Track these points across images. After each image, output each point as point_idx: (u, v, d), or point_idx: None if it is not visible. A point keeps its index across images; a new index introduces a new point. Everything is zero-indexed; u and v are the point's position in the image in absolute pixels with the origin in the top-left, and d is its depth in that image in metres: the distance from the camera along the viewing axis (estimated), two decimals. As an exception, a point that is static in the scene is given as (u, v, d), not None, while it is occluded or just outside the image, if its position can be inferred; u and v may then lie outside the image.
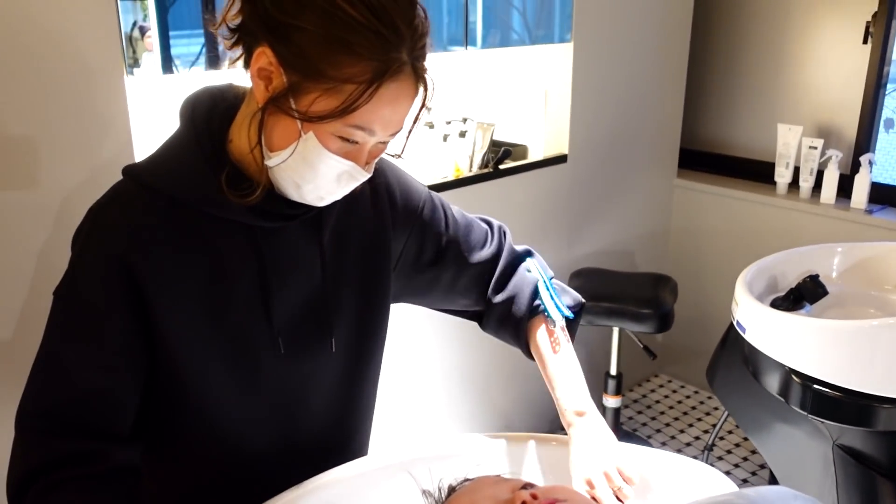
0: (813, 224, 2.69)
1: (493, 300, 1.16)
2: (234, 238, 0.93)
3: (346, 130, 0.83)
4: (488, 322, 1.19)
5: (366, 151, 0.88)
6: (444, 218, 1.13)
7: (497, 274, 1.16)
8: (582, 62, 2.46)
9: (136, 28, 1.50)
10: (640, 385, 3.25)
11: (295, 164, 0.86)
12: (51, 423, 0.87)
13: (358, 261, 1.04)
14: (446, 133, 2.32)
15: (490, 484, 0.91)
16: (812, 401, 1.63)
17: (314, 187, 0.88)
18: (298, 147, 0.84)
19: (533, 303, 1.15)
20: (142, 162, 0.93)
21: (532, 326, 1.15)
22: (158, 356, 0.91)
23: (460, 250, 1.13)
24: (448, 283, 1.15)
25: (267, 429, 1.02)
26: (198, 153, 0.89)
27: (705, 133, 3.12)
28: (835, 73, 2.71)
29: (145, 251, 0.87)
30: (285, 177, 0.88)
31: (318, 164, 0.85)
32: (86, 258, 0.88)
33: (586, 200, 2.69)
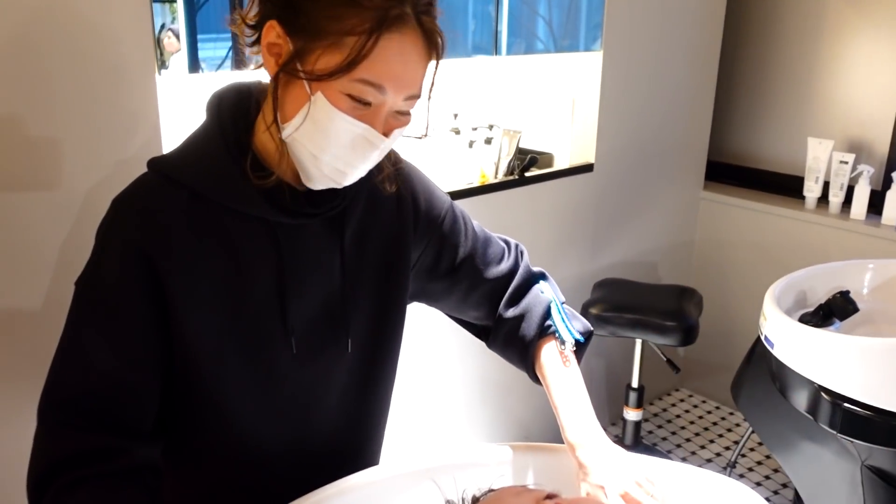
0: (842, 240, 2.65)
1: (504, 315, 1.14)
2: (255, 234, 0.92)
3: (355, 87, 0.82)
4: (496, 338, 1.17)
5: (382, 115, 0.86)
6: (463, 230, 1.12)
7: (510, 290, 1.14)
8: (611, 71, 2.44)
9: (164, 30, 1.51)
10: (661, 399, 3.21)
11: (307, 131, 0.85)
12: (73, 415, 0.86)
13: (378, 263, 1.03)
14: (472, 139, 2.32)
15: (514, 494, 0.89)
16: (842, 419, 1.59)
17: (331, 157, 0.86)
18: (309, 111, 0.84)
19: (544, 323, 1.12)
20: (166, 155, 0.93)
21: (540, 346, 1.13)
22: (176, 349, 0.91)
23: (476, 264, 1.12)
24: (461, 294, 1.14)
25: (281, 430, 1.01)
26: (221, 147, 0.89)
27: (733, 145, 3.09)
28: (867, 87, 2.67)
29: (166, 243, 0.87)
30: (301, 150, 0.87)
31: (330, 126, 0.84)
32: (107, 249, 0.88)
33: (612, 210, 2.66)
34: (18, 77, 1.25)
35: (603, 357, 2.86)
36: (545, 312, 1.13)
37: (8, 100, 1.25)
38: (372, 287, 1.03)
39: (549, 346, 1.12)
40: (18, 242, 1.31)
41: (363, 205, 1.01)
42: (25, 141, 1.28)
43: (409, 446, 1.92)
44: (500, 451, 1.11)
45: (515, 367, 1.18)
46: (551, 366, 1.10)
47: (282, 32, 0.83)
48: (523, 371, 1.17)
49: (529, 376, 1.16)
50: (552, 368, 1.10)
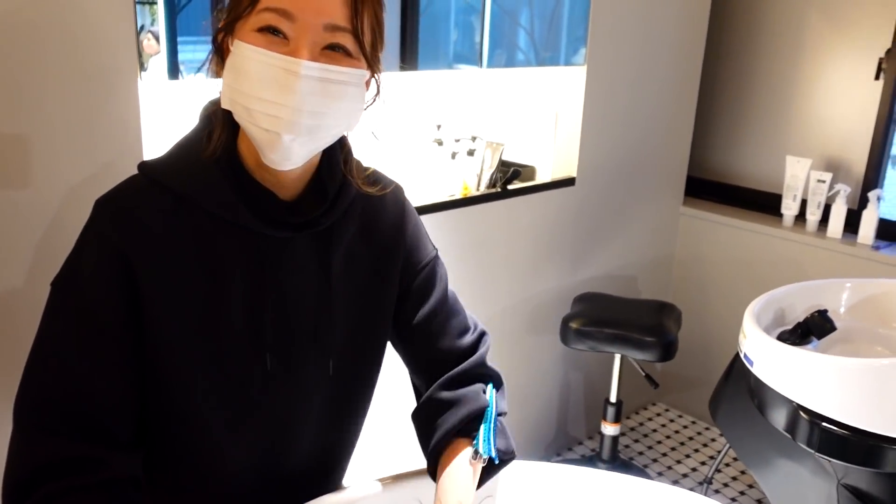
0: (819, 258, 2.68)
1: (436, 395, 1.05)
2: (238, 244, 0.90)
3: (262, 18, 0.82)
4: (419, 413, 1.08)
5: (302, 48, 0.82)
6: (435, 289, 1.08)
7: (453, 373, 1.06)
8: (594, 86, 2.45)
9: (144, 32, 1.49)
10: (638, 413, 3.21)
11: (232, 82, 0.84)
12: (49, 419, 0.84)
13: (364, 288, 1.02)
14: (455, 151, 2.31)
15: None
16: (819, 438, 1.60)
17: (258, 102, 0.82)
18: (229, 61, 0.84)
19: (469, 423, 1.04)
20: (156, 158, 0.91)
21: (453, 444, 1.03)
22: (147, 355, 0.88)
23: (432, 328, 1.07)
24: (408, 353, 1.10)
25: (252, 446, 0.98)
26: (208, 151, 0.88)
27: (713, 162, 3.11)
28: (845, 107, 2.71)
29: (144, 245, 0.86)
30: (238, 111, 0.85)
31: (247, 65, 0.82)
32: (86, 250, 0.86)
33: (593, 224, 2.67)
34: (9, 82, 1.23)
35: (582, 371, 2.86)
36: (476, 414, 1.04)
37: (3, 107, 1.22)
38: (356, 310, 1.01)
39: (461, 445, 1.02)
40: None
41: (356, 228, 0.99)
42: (2, 139, 1.25)
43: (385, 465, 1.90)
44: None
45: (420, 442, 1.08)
46: (458, 464, 1.01)
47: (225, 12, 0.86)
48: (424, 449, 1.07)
49: (428, 466, 1.06)
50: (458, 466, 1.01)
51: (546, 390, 2.75)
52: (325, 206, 0.93)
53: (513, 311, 2.48)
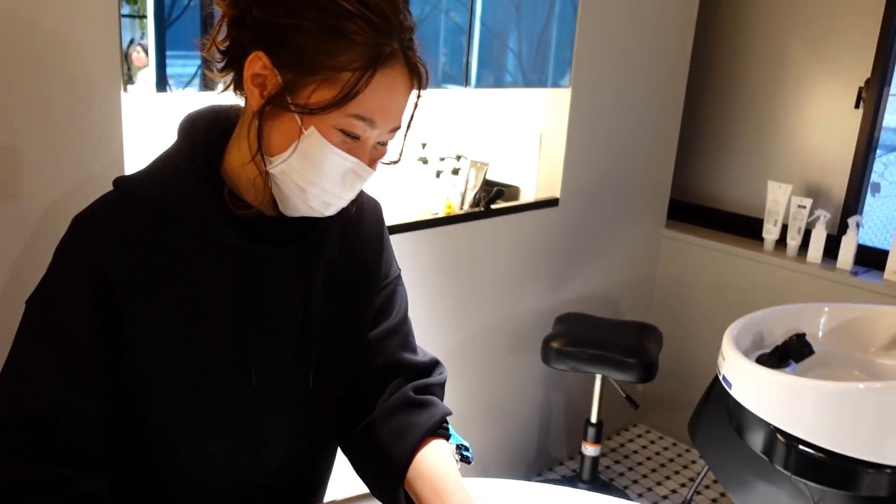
0: (798, 282, 2.70)
1: (409, 394, 1.03)
2: (220, 261, 0.90)
3: (347, 121, 0.83)
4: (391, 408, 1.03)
5: (368, 148, 0.87)
6: (397, 306, 1.09)
7: (422, 382, 1.06)
8: (579, 108, 2.47)
9: (133, 45, 1.49)
10: (619, 434, 3.22)
11: (298, 164, 0.85)
12: (15, 440, 0.83)
13: (345, 303, 1.02)
14: (440, 169, 2.32)
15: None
16: (796, 461, 1.61)
17: (319, 190, 0.86)
18: (300, 144, 0.84)
19: (443, 424, 1.04)
20: (133, 174, 0.91)
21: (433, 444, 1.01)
22: (125, 372, 0.88)
23: (392, 343, 1.07)
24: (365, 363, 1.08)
25: (230, 462, 0.98)
26: (190, 170, 0.88)
27: (695, 186, 3.15)
28: (826, 134, 2.75)
29: (123, 263, 0.85)
30: (288, 182, 0.86)
31: (322, 160, 0.84)
32: (62, 268, 0.86)
33: (575, 245, 2.68)
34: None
35: (562, 391, 2.86)
36: (445, 416, 1.05)
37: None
38: (337, 323, 1.01)
39: (441, 448, 1.01)
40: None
41: (337, 243, 1.00)
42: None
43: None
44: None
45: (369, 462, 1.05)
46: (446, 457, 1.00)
47: (269, 64, 0.82)
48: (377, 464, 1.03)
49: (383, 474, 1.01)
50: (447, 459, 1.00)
51: (527, 410, 2.75)
52: (308, 222, 0.94)
53: (494, 330, 2.48)
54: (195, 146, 0.89)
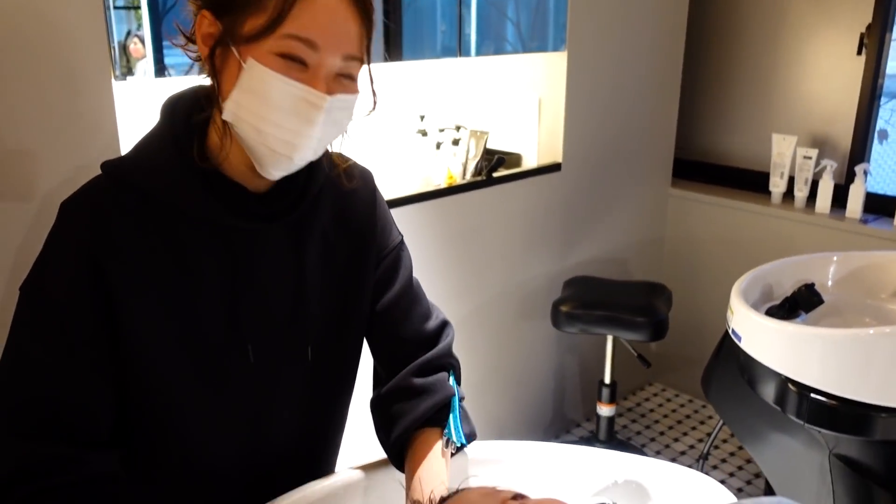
0: (807, 234, 2.69)
1: (408, 381, 1.05)
2: (209, 239, 0.90)
3: (285, 44, 0.81)
4: (387, 397, 1.07)
5: (322, 76, 0.83)
6: (399, 275, 1.08)
7: (423, 360, 1.07)
8: (576, 71, 2.46)
9: (130, 36, 1.49)
10: (635, 394, 3.23)
11: (245, 101, 0.83)
12: (24, 423, 0.84)
13: (341, 274, 1.02)
14: (439, 141, 2.32)
15: (481, 495, 0.89)
16: (808, 410, 1.61)
17: (274, 126, 0.83)
18: (242, 79, 0.83)
19: (440, 412, 1.05)
20: (119, 157, 0.91)
21: (424, 431, 1.04)
22: (123, 355, 0.89)
23: (395, 315, 1.08)
24: (370, 338, 1.10)
25: (234, 439, 0.99)
26: (173, 150, 0.88)
27: (700, 143, 3.12)
28: (829, 83, 2.72)
29: (113, 246, 0.85)
30: (245, 127, 0.85)
31: (266, 89, 0.82)
32: (53, 254, 0.87)
33: (580, 209, 2.68)
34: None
35: (575, 354, 2.87)
36: (445, 403, 1.06)
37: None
38: (334, 297, 1.02)
39: (433, 436, 1.03)
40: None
41: (329, 216, 1.00)
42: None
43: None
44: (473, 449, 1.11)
45: (379, 430, 1.09)
46: (434, 458, 1.02)
47: (212, 18, 0.83)
48: (383, 437, 1.08)
49: (387, 446, 1.07)
50: (434, 461, 1.01)
51: (541, 374, 2.76)
52: (295, 195, 0.94)
53: (504, 297, 2.49)
54: (177, 126, 0.89)
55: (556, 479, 1.08)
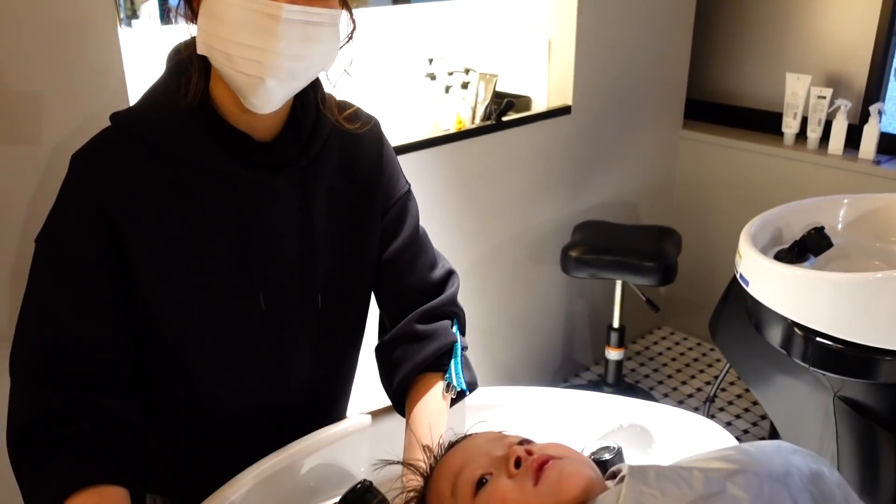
0: (820, 175, 2.67)
1: (411, 327, 1.07)
2: (217, 190, 0.91)
3: None
4: (391, 342, 1.09)
5: None
6: (405, 224, 1.09)
7: (427, 307, 1.08)
8: (586, 10, 2.41)
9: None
10: (643, 337, 3.26)
11: (210, 28, 0.83)
12: (45, 372, 0.86)
13: (348, 222, 1.03)
14: (448, 84, 2.29)
15: (488, 440, 0.91)
16: (814, 353, 1.63)
17: (241, 47, 0.82)
18: (204, 5, 0.83)
19: (442, 358, 1.07)
20: (128, 109, 0.92)
21: (426, 376, 1.06)
22: (138, 303, 0.91)
23: (400, 264, 1.08)
24: (377, 286, 1.11)
25: (248, 385, 1.02)
26: (176, 100, 0.88)
27: (712, 83, 3.07)
28: (845, 21, 2.65)
29: (124, 197, 0.87)
30: (216, 56, 0.84)
31: (224, 10, 0.81)
32: (66, 204, 0.88)
33: (590, 152, 2.66)
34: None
35: (585, 298, 2.89)
36: (447, 349, 1.07)
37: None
38: (342, 244, 1.03)
39: (434, 380, 1.06)
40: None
41: (336, 164, 1.00)
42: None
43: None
44: (481, 394, 1.13)
45: (382, 377, 1.12)
46: (433, 399, 1.04)
47: None
48: (387, 384, 1.10)
49: (390, 392, 1.09)
50: (433, 401, 1.04)
51: (550, 319, 2.79)
52: (301, 144, 0.94)
53: (514, 242, 2.50)
54: (181, 76, 0.89)
55: (562, 424, 1.10)
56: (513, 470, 0.76)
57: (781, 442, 0.77)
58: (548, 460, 0.75)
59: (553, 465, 0.75)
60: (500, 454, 0.80)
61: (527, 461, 0.76)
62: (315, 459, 1.03)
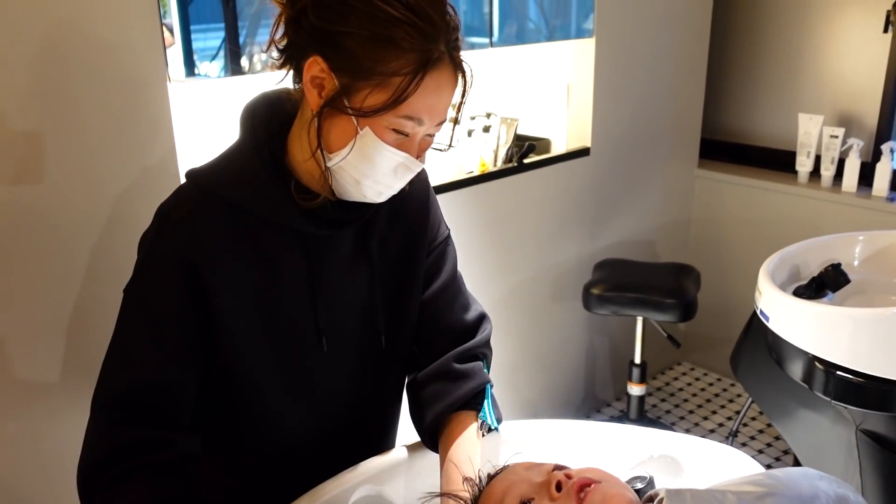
0: (834, 212, 2.72)
1: (450, 365, 1.13)
2: (288, 244, 0.99)
3: (398, 122, 0.89)
4: (427, 378, 1.14)
5: (416, 143, 0.93)
6: (445, 266, 1.17)
7: (464, 347, 1.15)
8: (604, 56, 2.49)
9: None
10: (664, 373, 3.29)
11: (354, 161, 0.92)
12: (122, 412, 0.93)
13: (398, 265, 1.11)
14: (471, 128, 2.37)
15: (525, 468, 0.96)
16: (835, 387, 1.66)
17: (373, 182, 0.94)
18: (357, 143, 0.90)
19: (477, 398, 1.13)
20: (204, 167, 0.99)
21: (461, 414, 1.12)
22: (216, 348, 0.98)
23: (439, 304, 1.16)
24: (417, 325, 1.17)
25: (310, 417, 1.09)
26: (257, 162, 0.95)
27: (726, 123, 3.14)
28: (855, 62, 2.73)
29: (208, 253, 0.94)
30: (345, 175, 0.93)
31: (376, 156, 0.91)
32: (154, 258, 0.95)
33: (609, 192, 2.73)
34: (43, 94, 1.31)
35: (606, 335, 2.93)
36: (481, 388, 1.14)
37: (37, 116, 1.31)
38: (393, 289, 1.10)
39: (469, 418, 1.11)
40: (53, 247, 1.37)
41: (386, 212, 1.08)
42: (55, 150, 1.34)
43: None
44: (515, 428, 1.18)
45: (414, 410, 1.17)
46: (469, 436, 1.09)
47: (326, 68, 0.88)
48: (418, 417, 1.15)
49: (422, 425, 1.13)
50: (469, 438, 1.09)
51: (572, 355, 2.83)
52: (365, 204, 1.01)
53: (536, 280, 2.55)
54: (259, 140, 0.96)
55: (593, 455, 1.14)
56: (554, 493, 0.81)
57: (808, 468, 0.82)
58: (589, 483, 0.80)
59: (596, 488, 0.80)
60: (539, 480, 0.85)
61: (567, 484, 0.81)
62: (367, 489, 1.08)
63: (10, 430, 1.40)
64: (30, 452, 1.43)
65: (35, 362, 1.40)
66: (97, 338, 0.99)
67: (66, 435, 1.40)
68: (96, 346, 0.98)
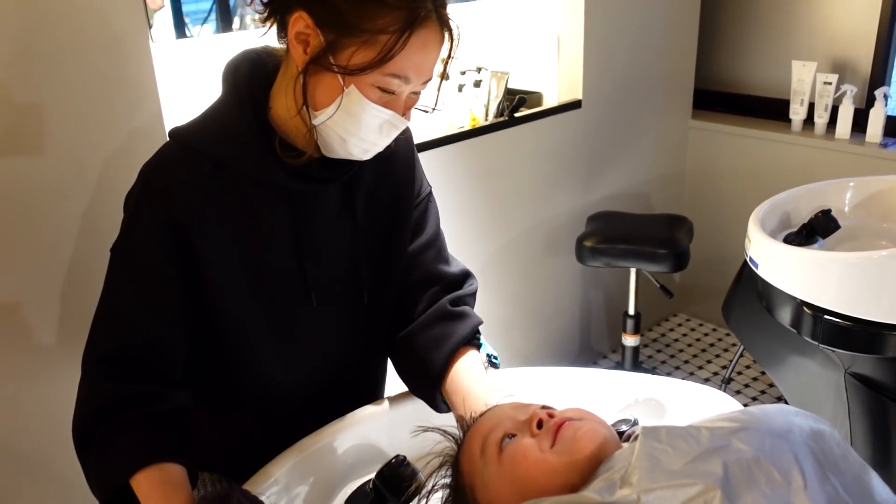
0: (828, 160, 2.71)
1: (449, 308, 1.14)
2: (273, 200, 1.00)
3: (384, 80, 0.89)
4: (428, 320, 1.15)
5: (402, 100, 0.94)
6: (429, 220, 1.18)
7: (455, 294, 1.16)
8: (594, 6, 2.47)
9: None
10: (659, 324, 3.32)
11: (340, 119, 0.92)
12: (113, 368, 0.95)
13: (385, 220, 1.11)
14: (461, 83, 2.36)
15: (512, 407, 0.98)
16: (823, 331, 1.68)
17: (359, 140, 0.94)
18: (343, 101, 0.90)
19: (475, 334, 1.16)
20: (187, 125, 0.99)
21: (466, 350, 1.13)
22: (204, 304, 0.99)
23: (427, 256, 1.17)
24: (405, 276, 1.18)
25: (299, 372, 1.11)
26: (241, 119, 0.95)
27: (719, 73, 3.12)
28: (848, 7, 2.70)
29: (193, 210, 0.95)
30: (331, 133, 0.94)
31: (362, 114, 0.91)
32: (139, 217, 0.96)
33: (601, 145, 2.72)
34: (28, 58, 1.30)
35: (601, 288, 2.95)
36: (478, 327, 1.17)
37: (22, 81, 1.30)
38: (380, 244, 1.11)
39: (474, 353, 1.14)
40: (44, 211, 1.38)
41: (371, 169, 1.08)
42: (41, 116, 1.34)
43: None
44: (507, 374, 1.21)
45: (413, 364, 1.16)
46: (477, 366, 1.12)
47: (311, 24, 0.88)
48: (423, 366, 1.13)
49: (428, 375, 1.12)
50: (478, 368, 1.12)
51: (567, 308, 2.85)
52: (351, 161, 1.01)
53: (529, 235, 2.56)
54: (242, 97, 0.96)
55: (581, 400, 1.15)
56: (535, 430, 0.84)
57: (785, 405, 0.83)
58: (565, 421, 0.82)
59: (569, 425, 0.82)
60: (524, 418, 0.88)
61: (548, 423, 0.83)
62: (353, 438, 1.11)
63: (10, 389, 1.43)
64: (29, 410, 1.46)
65: (32, 324, 1.42)
66: (91, 298, 1.01)
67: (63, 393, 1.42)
68: (90, 306, 0.99)
